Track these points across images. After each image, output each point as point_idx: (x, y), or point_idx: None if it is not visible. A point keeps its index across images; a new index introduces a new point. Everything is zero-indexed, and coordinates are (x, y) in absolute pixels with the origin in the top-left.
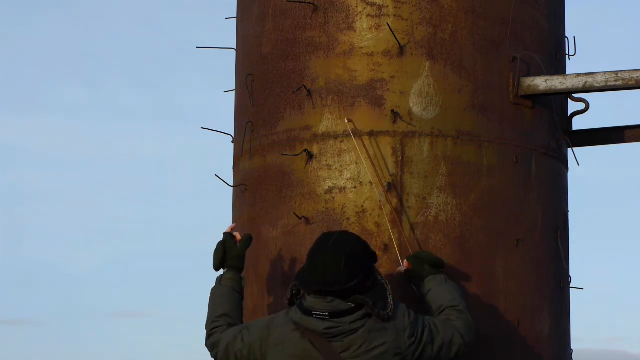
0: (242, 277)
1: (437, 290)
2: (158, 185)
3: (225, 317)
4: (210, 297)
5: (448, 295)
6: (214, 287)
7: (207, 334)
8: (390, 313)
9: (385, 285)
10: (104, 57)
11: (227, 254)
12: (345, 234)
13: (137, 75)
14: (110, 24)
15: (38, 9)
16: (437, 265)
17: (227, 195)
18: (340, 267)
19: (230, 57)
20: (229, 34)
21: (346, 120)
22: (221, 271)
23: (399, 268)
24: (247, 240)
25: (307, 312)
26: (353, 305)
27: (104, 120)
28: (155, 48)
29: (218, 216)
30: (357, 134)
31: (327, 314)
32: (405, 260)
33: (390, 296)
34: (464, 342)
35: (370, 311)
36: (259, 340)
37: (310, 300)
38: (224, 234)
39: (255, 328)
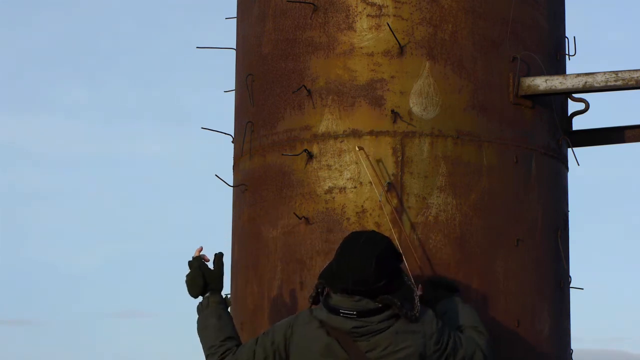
0: (225, 297)
1: (455, 311)
2: (158, 186)
3: (231, 339)
4: (202, 323)
5: (468, 316)
6: (204, 313)
7: None
8: (417, 314)
9: (412, 287)
10: (105, 57)
11: (207, 278)
12: (375, 234)
13: (137, 75)
14: (111, 24)
15: (39, 9)
16: (451, 289)
17: (227, 195)
18: (371, 266)
19: (231, 57)
20: (229, 34)
21: (357, 148)
22: (200, 298)
23: (415, 293)
24: (220, 258)
25: (334, 311)
26: (380, 305)
27: (104, 120)
28: (155, 48)
29: (218, 216)
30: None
31: (354, 313)
32: (420, 285)
33: (417, 297)
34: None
35: (398, 311)
36: (284, 339)
37: (336, 299)
38: (194, 258)
39: (279, 328)
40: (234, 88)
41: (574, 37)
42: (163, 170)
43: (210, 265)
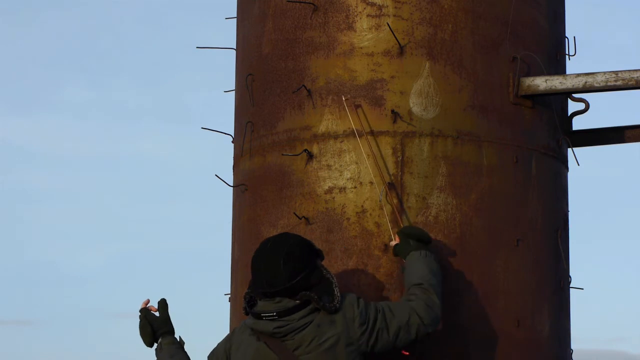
0: (178, 337)
1: (411, 266)
2: (158, 186)
3: None
4: None
5: (418, 272)
6: (159, 356)
7: None
8: (337, 305)
9: (331, 279)
10: (105, 57)
11: (154, 325)
12: (283, 236)
13: (137, 75)
14: (111, 24)
15: (42, 9)
16: (423, 240)
17: (227, 195)
18: (279, 266)
19: (231, 57)
20: (229, 34)
21: (343, 98)
22: (155, 345)
23: (390, 243)
24: (164, 303)
25: (257, 316)
26: (299, 302)
27: (106, 120)
28: (155, 48)
29: (218, 216)
30: (364, 136)
31: (275, 314)
32: (396, 235)
33: (337, 288)
34: (422, 323)
35: (316, 304)
36: (224, 352)
37: (260, 305)
38: (140, 310)
39: (220, 345)
40: (234, 88)
41: (574, 37)
42: (163, 170)
43: (157, 313)
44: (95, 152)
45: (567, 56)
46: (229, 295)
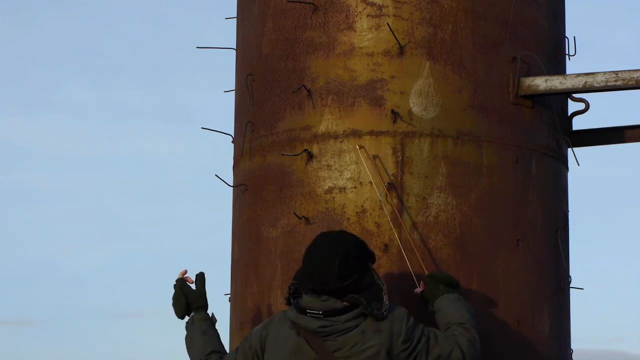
0: (211, 314)
1: (447, 308)
2: (158, 186)
3: (215, 353)
4: (189, 340)
5: (457, 312)
6: (190, 331)
7: None
8: (385, 312)
9: (382, 285)
10: (105, 57)
11: (189, 298)
12: (342, 234)
13: (137, 75)
14: (111, 24)
15: (42, 9)
16: (452, 285)
17: (227, 195)
18: (334, 266)
19: (231, 57)
20: (229, 34)
21: (357, 147)
22: (186, 318)
23: (415, 290)
24: (202, 277)
25: (302, 311)
26: (347, 304)
27: (106, 120)
28: (155, 48)
29: (218, 216)
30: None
31: (321, 312)
32: (422, 281)
33: (386, 296)
34: (463, 358)
35: (364, 310)
36: (259, 341)
37: (306, 299)
38: (176, 281)
39: (255, 332)
40: (234, 88)
41: (574, 37)
42: (163, 170)
43: (194, 286)
44: (95, 152)
45: (567, 56)
46: (229, 295)
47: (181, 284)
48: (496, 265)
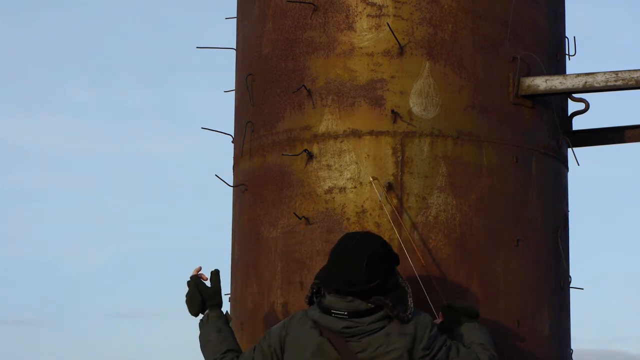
0: (226, 312)
1: (469, 331)
2: (158, 186)
3: (231, 351)
4: (203, 338)
5: (478, 335)
6: (205, 328)
7: None
8: (409, 315)
9: (407, 288)
10: (105, 57)
11: (204, 295)
12: (369, 235)
13: (137, 75)
14: (110, 24)
15: (43, 9)
16: (472, 315)
17: (227, 195)
18: (362, 267)
19: (231, 57)
20: (229, 34)
21: (371, 179)
22: (200, 316)
23: (434, 321)
24: (217, 274)
25: (326, 311)
26: (372, 306)
27: (106, 120)
28: (155, 48)
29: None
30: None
31: (346, 313)
32: (440, 312)
33: (411, 299)
34: None
35: (390, 312)
36: (279, 340)
37: (329, 299)
38: (192, 277)
39: (274, 331)
40: (234, 88)
41: (574, 37)
42: (163, 170)
43: (208, 283)
44: (95, 152)
45: (567, 56)
46: (229, 295)
47: (196, 280)
48: (496, 265)
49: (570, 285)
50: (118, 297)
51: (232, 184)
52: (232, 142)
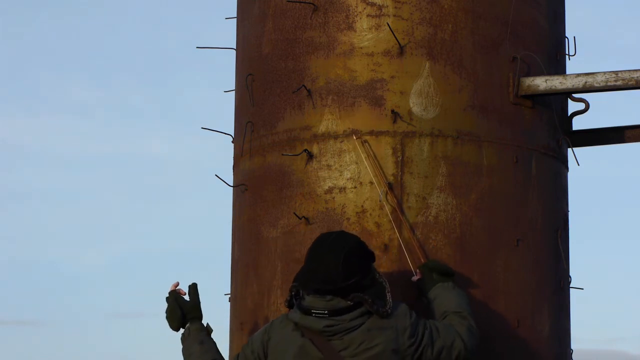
0: (206, 324)
1: (443, 296)
2: (158, 186)
3: None
4: (186, 351)
5: (453, 301)
6: (187, 342)
7: None
8: (389, 310)
9: (384, 284)
10: (105, 57)
11: (184, 309)
12: (343, 234)
13: (137, 75)
14: (110, 24)
15: (42, 9)
16: (447, 274)
17: (227, 195)
18: (338, 265)
19: (231, 57)
20: (229, 34)
21: (354, 137)
22: (181, 330)
23: (412, 278)
24: (195, 288)
25: (307, 312)
26: (352, 303)
27: (106, 120)
28: (155, 48)
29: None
30: (360, 138)
31: (326, 312)
32: (418, 270)
33: (389, 294)
34: (465, 347)
35: (369, 308)
36: (262, 345)
37: (309, 300)
38: (170, 293)
39: (257, 336)
40: (234, 88)
41: (574, 37)
42: (163, 170)
43: (187, 297)
44: (95, 152)
45: (567, 56)
46: (229, 295)
47: (175, 295)
48: (496, 265)
49: (570, 285)
50: (118, 297)
51: (232, 184)
52: (232, 142)
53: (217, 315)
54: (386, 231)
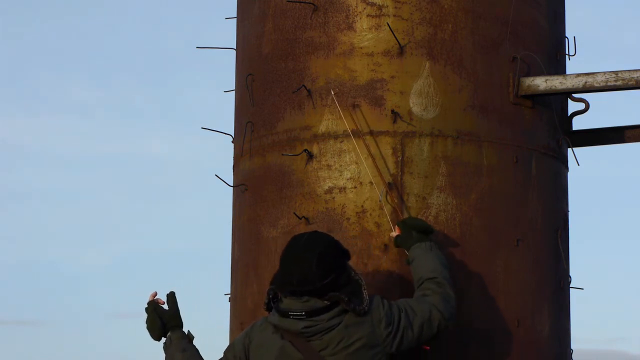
0: (187, 331)
1: (420, 259)
2: (158, 186)
3: None
4: (170, 359)
5: (429, 265)
6: (169, 351)
7: None
8: (366, 307)
9: (360, 281)
10: (105, 57)
11: (164, 318)
12: (316, 234)
13: (136, 75)
14: (110, 24)
15: (42, 9)
16: (425, 231)
17: (227, 195)
18: (312, 266)
19: (231, 57)
20: (229, 34)
21: (332, 93)
22: (163, 340)
23: (391, 234)
24: (173, 297)
25: (284, 314)
26: (329, 303)
27: (106, 120)
28: (155, 48)
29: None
30: (360, 138)
31: (303, 313)
32: (397, 226)
33: (365, 291)
34: (443, 317)
35: (346, 307)
36: (243, 348)
37: (286, 302)
38: (148, 304)
39: (238, 341)
40: (234, 88)
41: (574, 37)
42: (163, 170)
43: (166, 306)
44: (95, 152)
45: (567, 56)
46: (229, 295)
47: (154, 305)
48: (496, 265)
49: (570, 285)
50: (118, 297)
51: (232, 184)
52: (232, 142)
53: (217, 315)
54: (386, 231)
